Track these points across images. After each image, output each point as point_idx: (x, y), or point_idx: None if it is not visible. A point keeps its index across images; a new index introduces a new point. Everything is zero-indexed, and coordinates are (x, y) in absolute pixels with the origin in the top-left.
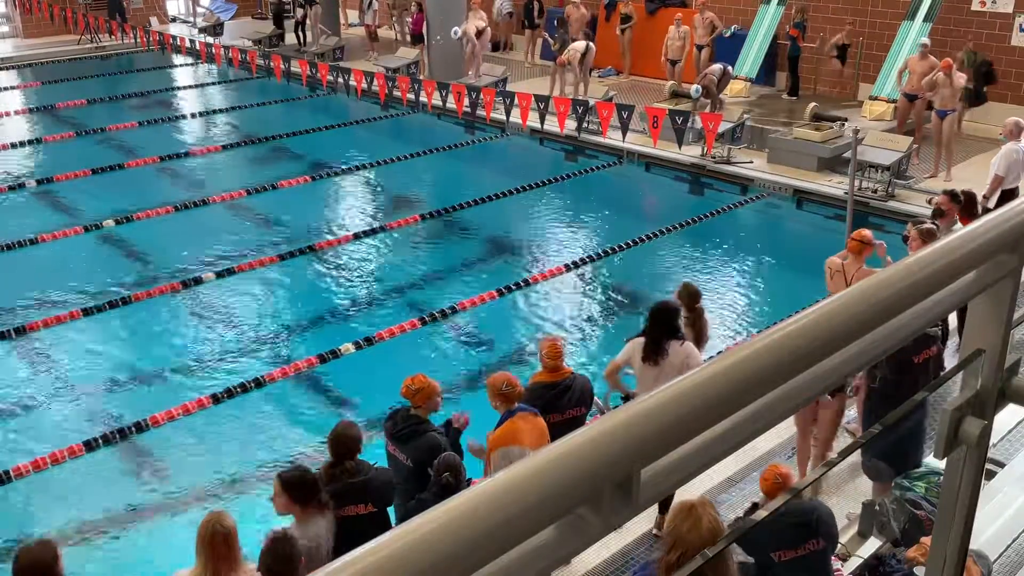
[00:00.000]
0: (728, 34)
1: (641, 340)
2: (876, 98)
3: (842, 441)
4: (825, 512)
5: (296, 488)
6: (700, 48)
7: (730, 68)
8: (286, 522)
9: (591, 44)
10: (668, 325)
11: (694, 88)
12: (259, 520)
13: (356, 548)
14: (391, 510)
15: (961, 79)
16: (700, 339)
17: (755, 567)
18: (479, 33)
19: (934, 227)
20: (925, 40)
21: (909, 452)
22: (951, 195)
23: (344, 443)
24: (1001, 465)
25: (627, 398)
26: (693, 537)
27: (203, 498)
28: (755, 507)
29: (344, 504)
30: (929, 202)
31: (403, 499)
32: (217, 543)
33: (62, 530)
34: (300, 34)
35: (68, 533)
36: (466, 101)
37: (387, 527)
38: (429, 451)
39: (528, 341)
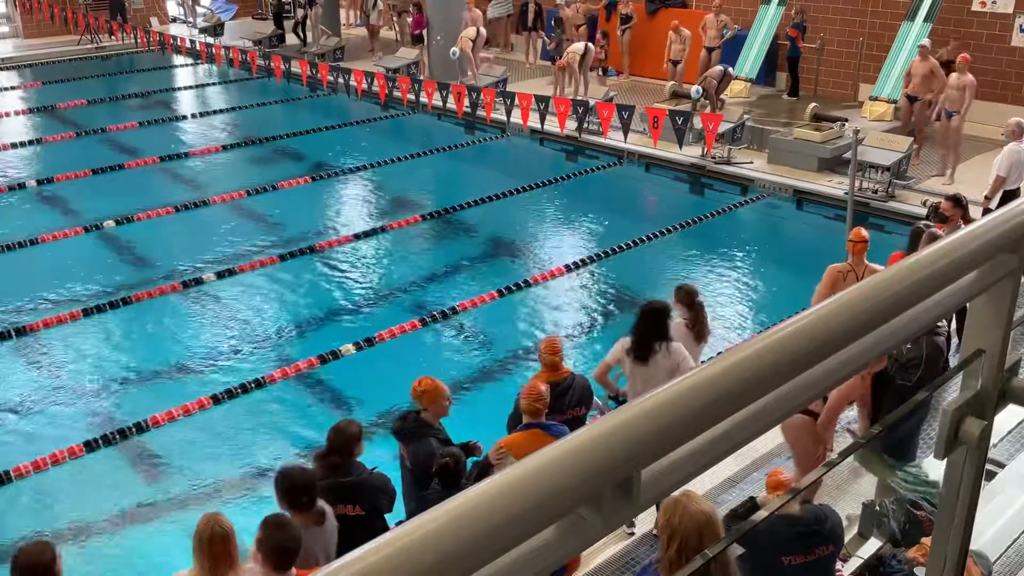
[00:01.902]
0: (728, 34)
1: (628, 339)
2: (876, 98)
3: (842, 441)
4: (836, 520)
5: (280, 492)
6: (711, 51)
7: (731, 69)
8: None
9: (590, 45)
10: (656, 325)
11: (694, 89)
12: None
13: (345, 549)
14: (390, 518)
15: (969, 79)
16: (701, 337)
17: (759, 567)
18: (474, 40)
19: (936, 232)
20: (925, 41)
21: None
22: (954, 200)
23: (341, 436)
24: (1001, 465)
25: (615, 397)
26: (687, 523)
27: (203, 498)
28: (752, 501)
29: (334, 503)
30: (924, 203)
31: (407, 501)
32: (215, 544)
33: (62, 530)
34: (300, 34)
35: (68, 533)
36: (466, 101)
37: (378, 533)
38: (426, 456)
39: (528, 341)
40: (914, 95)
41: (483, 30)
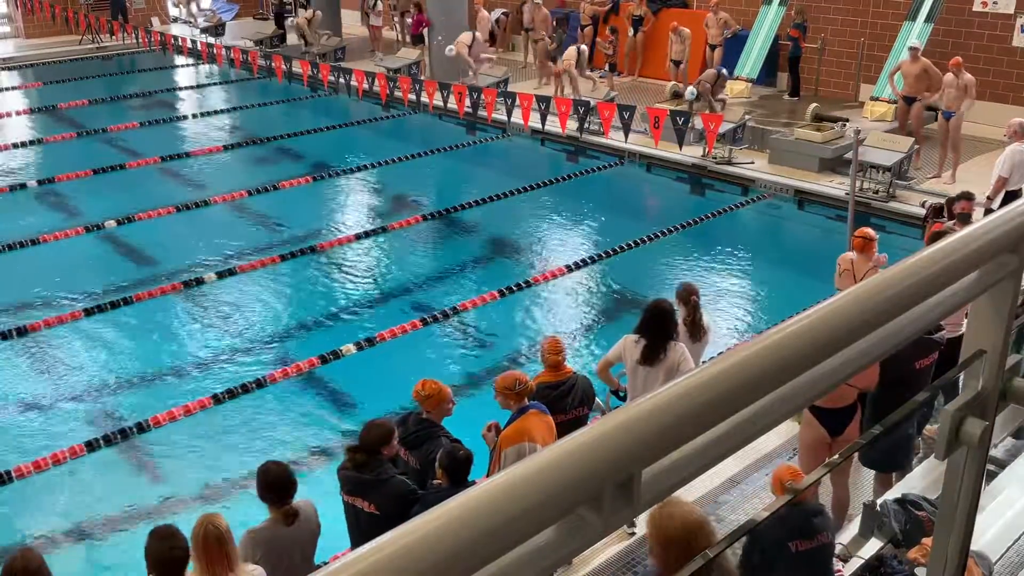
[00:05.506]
0: (728, 34)
1: (633, 337)
2: (877, 99)
3: None
4: (827, 511)
5: (256, 484)
6: (713, 48)
7: (724, 71)
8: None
9: (583, 48)
10: (663, 326)
11: (688, 91)
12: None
13: (351, 542)
14: None
15: (969, 79)
16: (696, 336)
17: (768, 556)
18: (470, 46)
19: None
20: (914, 43)
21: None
22: (968, 197)
23: (370, 434)
24: (1001, 465)
25: (616, 392)
26: (675, 527)
27: (204, 498)
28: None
29: (353, 493)
30: (923, 204)
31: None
32: (210, 544)
33: (63, 530)
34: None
35: (68, 533)
36: (467, 102)
37: None
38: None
39: (529, 342)
40: (911, 96)
41: (480, 35)
